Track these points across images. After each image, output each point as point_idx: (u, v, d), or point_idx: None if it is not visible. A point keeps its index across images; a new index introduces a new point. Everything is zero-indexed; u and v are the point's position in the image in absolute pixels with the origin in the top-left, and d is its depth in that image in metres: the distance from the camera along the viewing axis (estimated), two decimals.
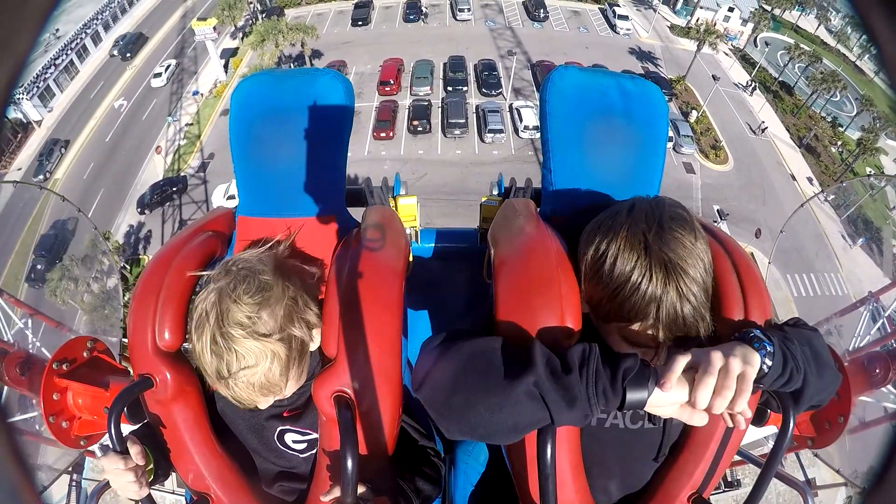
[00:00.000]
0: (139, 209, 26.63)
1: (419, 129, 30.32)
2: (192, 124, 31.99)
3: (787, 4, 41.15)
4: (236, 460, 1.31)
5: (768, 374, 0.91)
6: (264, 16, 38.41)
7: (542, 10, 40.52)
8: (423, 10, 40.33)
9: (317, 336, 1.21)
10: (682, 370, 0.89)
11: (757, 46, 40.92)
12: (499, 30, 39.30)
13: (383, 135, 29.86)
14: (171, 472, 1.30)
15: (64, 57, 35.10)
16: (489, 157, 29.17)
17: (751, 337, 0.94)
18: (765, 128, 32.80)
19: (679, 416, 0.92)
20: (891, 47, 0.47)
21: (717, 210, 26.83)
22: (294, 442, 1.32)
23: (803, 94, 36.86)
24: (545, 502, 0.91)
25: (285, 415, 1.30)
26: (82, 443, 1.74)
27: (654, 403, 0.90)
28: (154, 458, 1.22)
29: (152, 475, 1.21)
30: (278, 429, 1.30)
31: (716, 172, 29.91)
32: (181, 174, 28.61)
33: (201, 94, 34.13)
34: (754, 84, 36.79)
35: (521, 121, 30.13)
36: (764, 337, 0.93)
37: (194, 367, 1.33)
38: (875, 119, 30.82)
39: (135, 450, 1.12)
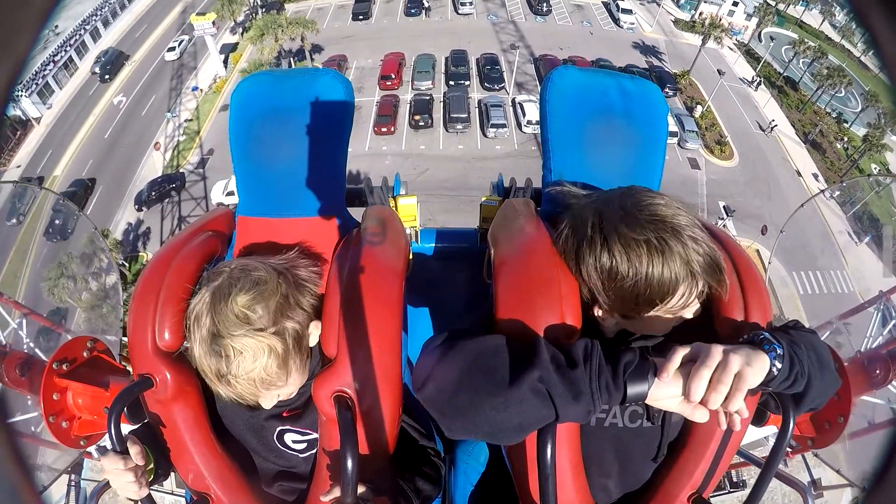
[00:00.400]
0: (137, 206, 26.62)
1: (421, 123, 30.22)
2: (191, 120, 31.98)
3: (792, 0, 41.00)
4: (236, 460, 1.32)
5: (777, 376, 0.91)
6: (264, 11, 38.33)
7: (544, 4, 40.41)
8: (424, 4, 40.22)
9: (315, 330, 1.22)
10: (683, 363, 0.90)
11: (761, 41, 40.70)
12: (501, 24, 39.19)
13: (384, 130, 29.77)
14: (171, 471, 1.31)
15: (63, 53, 35.05)
16: (492, 152, 29.00)
17: (761, 339, 0.94)
18: (774, 125, 32.61)
19: (681, 411, 0.93)
20: (891, 47, 0.47)
21: (723, 206, 26.67)
22: (294, 442, 1.32)
23: (808, 89, 36.68)
24: (545, 502, 0.92)
25: (285, 415, 1.31)
26: (82, 443, 1.75)
27: (654, 397, 0.91)
28: (154, 458, 1.23)
29: (152, 475, 1.22)
30: (278, 429, 1.31)
31: (721, 168, 29.77)
32: (180, 171, 28.59)
33: (200, 90, 34.11)
34: (759, 79, 36.62)
35: (524, 115, 29.95)
36: (773, 339, 0.94)
37: (194, 367, 1.35)
38: (881, 115, 30.67)
39: (134, 450, 1.13)
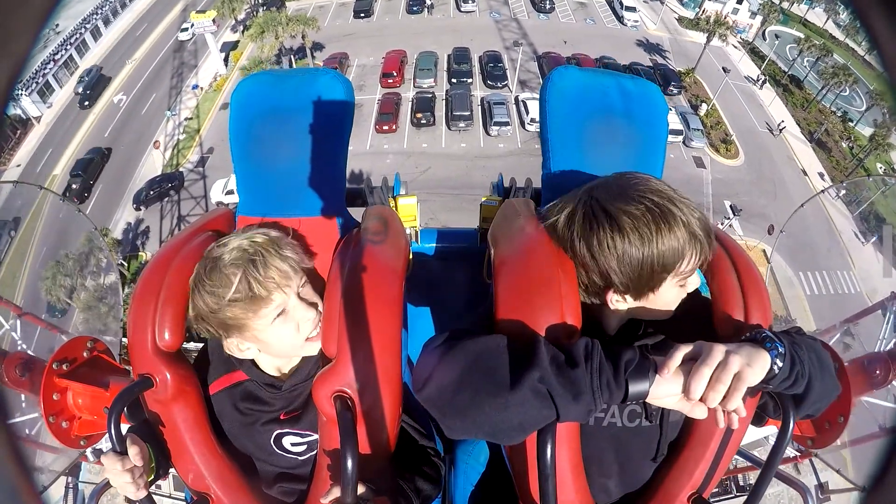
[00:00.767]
0: (135, 205, 26.64)
1: (423, 121, 30.13)
2: (191, 118, 32.02)
3: None
4: (236, 460, 1.33)
5: (777, 375, 0.92)
6: (265, 8, 38.37)
7: (547, 1, 40.32)
8: (426, 2, 40.18)
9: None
10: (684, 361, 0.92)
11: (766, 40, 40.57)
12: (504, 21, 39.13)
13: (386, 128, 29.70)
14: (170, 469, 1.32)
15: (63, 52, 35.10)
16: (495, 150, 28.91)
17: (763, 337, 0.96)
18: (783, 127, 32.41)
19: (681, 408, 0.95)
20: (891, 47, 0.48)
21: (729, 206, 26.53)
22: (293, 445, 1.33)
23: (813, 88, 36.54)
24: (545, 502, 0.93)
25: (282, 417, 1.31)
26: (82, 443, 1.77)
27: (655, 395, 0.93)
28: (154, 458, 1.24)
29: (153, 474, 1.23)
30: (275, 433, 1.32)
31: (726, 167, 29.65)
32: (179, 169, 28.61)
33: (201, 88, 34.16)
34: (764, 78, 36.50)
35: (527, 113, 29.84)
36: (775, 338, 0.95)
37: (194, 367, 1.36)
38: (886, 114, 30.55)
39: (133, 450, 1.13)
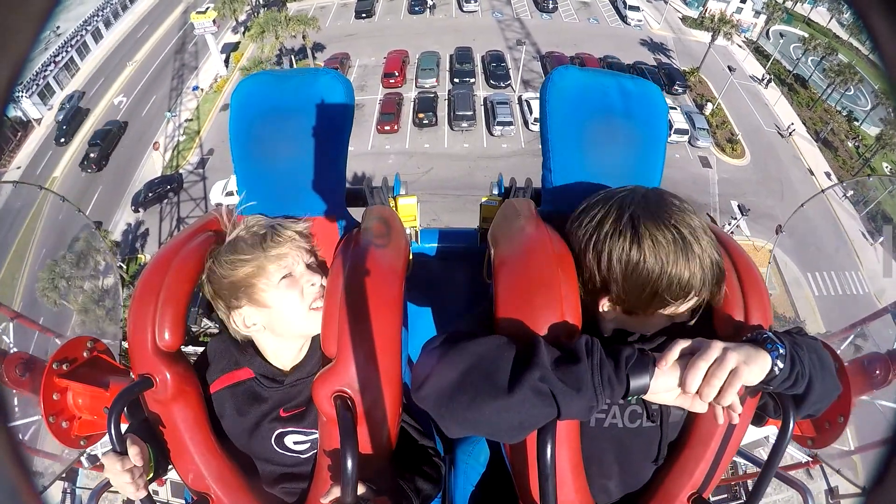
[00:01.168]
0: (134, 207, 26.66)
1: (425, 121, 30.08)
2: (191, 120, 32.09)
3: None
4: (236, 460, 1.33)
5: (778, 375, 0.93)
6: (265, 9, 38.48)
7: (550, 1, 40.34)
8: (428, 2, 40.22)
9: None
10: (683, 355, 0.94)
11: (770, 39, 40.51)
12: (506, 21, 39.16)
13: (387, 128, 29.67)
14: (169, 469, 1.33)
15: (64, 54, 35.27)
16: (498, 150, 28.86)
17: (763, 338, 0.97)
18: (792, 130, 32.21)
19: (681, 403, 0.96)
20: (891, 47, 0.48)
21: (737, 206, 26.38)
22: (295, 443, 1.33)
23: (818, 87, 36.44)
24: (545, 502, 0.94)
25: (283, 414, 1.32)
26: (82, 443, 1.79)
27: (654, 389, 0.94)
28: (154, 458, 1.25)
29: (152, 473, 1.24)
30: (277, 431, 1.33)
31: (732, 167, 29.56)
32: (179, 171, 28.64)
33: (201, 90, 34.27)
34: (769, 77, 36.41)
35: (530, 113, 29.79)
36: (776, 339, 0.96)
37: (194, 367, 1.37)
38: (893, 113, 30.41)
39: (133, 450, 1.14)
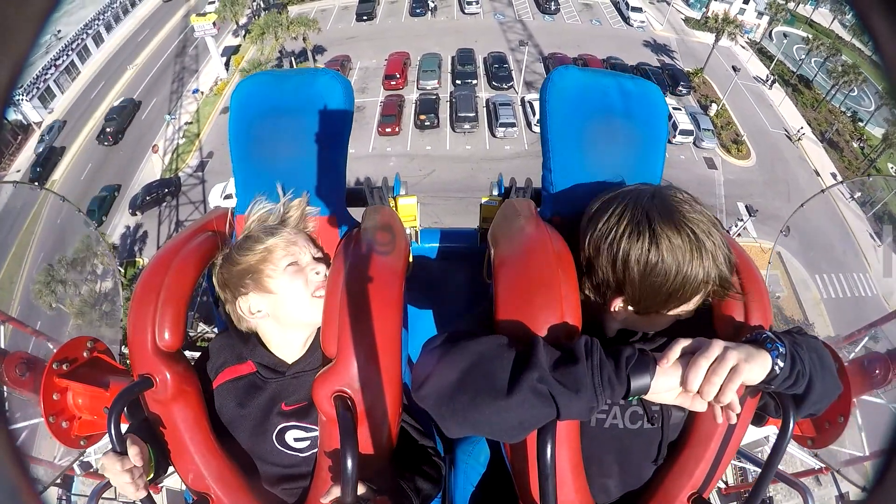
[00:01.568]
0: (131, 210, 26.65)
1: (426, 123, 29.92)
2: (191, 123, 32.15)
3: None
4: (236, 460, 1.34)
5: (779, 375, 0.94)
6: (265, 11, 38.60)
7: (552, 3, 40.38)
8: (430, 4, 40.30)
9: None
10: (683, 354, 0.95)
11: (773, 40, 40.51)
12: (508, 23, 39.19)
13: (388, 130, 29.51)
14: (169, 469, 1.35)
15: (65, 58, 35.42)
16: (501, 152, 28.72)
17: (763, 338, 0.98)
18: (802, 134, 31.93)
19: (682, 402, 0.98)
20: (891, 47, 0.48)
21: (745, 206, 26.19)
22: (296, 440, 1.35)
23: (822, 88, 36.38)
24: (545, 502, 0.94)
25: (285, 408, 1.34)
26: (82, 443, 1.80)
27: (656, 389, 0.95)
28: (154, 458, 1.26)
29: (152, 473, 1.25)
30: (279, 427, 1.34)
31: (738, 168, 29.42)
32: (178, 174, 28.63)
33: (201, 93, 34.35)
34: (773, 77, 36.36)
35: (533, 115, 29.57)
36: (776, 338, 0.97)
37: (196, 365, 1.39)
38: (895, 113, 30.33)
39: (133, 450, 1.15)
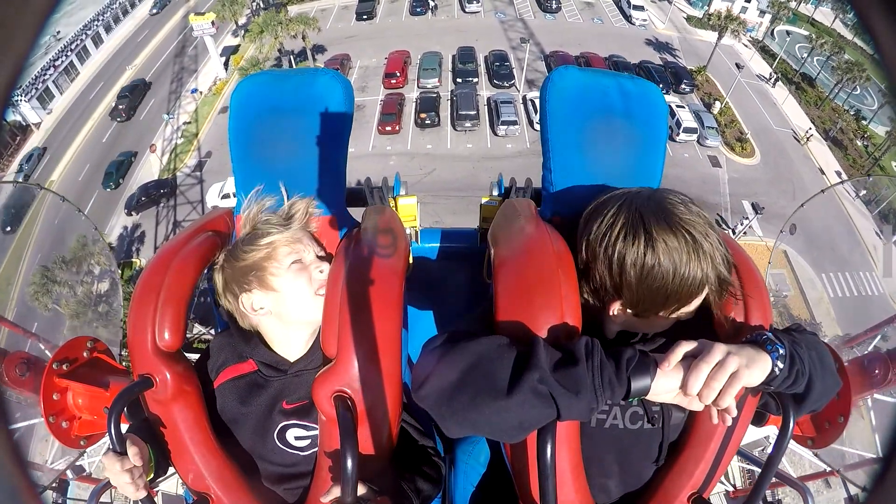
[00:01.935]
0: (127, 210, 26.68)
1: (427, 122, 29.82)
2: (189, 122, 32.17)
3: None
4: (236, 460, 1.35)
5: (778, 376, 0.96)
6: (264, 9, 38.55)
7: (553, 1, 40.39)
8: (430, 3, 40.29)
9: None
10: (685, 357, 0.96)
11: (775, 39, 40.53)
12: (509, 21, 39.20)
13: (389, 129, 29.42)
14: (169, 468, 1.36)
15: (63, 58, 35.51)
16: (502, 150, 28.63)
17: (763, 339, 0.99)
18: (811, 136, 31.73)
19: (679, 401, 0.99)
20: (891, 47, 0.48)
21: (751, 204, 26.15)
22: (297, 439, 1.36)
23: (825, 86, 36.35)
24: (545, 502, 0.95)
25: (285, 406, 1.35)
26: (82, 443, 1.81)
27: (656, 391, 0.96)
28: (154, 458, 1.27)
29: (152, 473, 1.26)
30: (280, 425, 1.35)
31: (742, 166, 29.33)
32: (176, 173, 28.62)
33: (200, 92, 34.37)
34: (776, 76, 36.32)
35: (535, 112, 29.29)
36: (776, 339, 0.98)
37: (196, 365, 1.40)
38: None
39: (133, 450, 1.16)
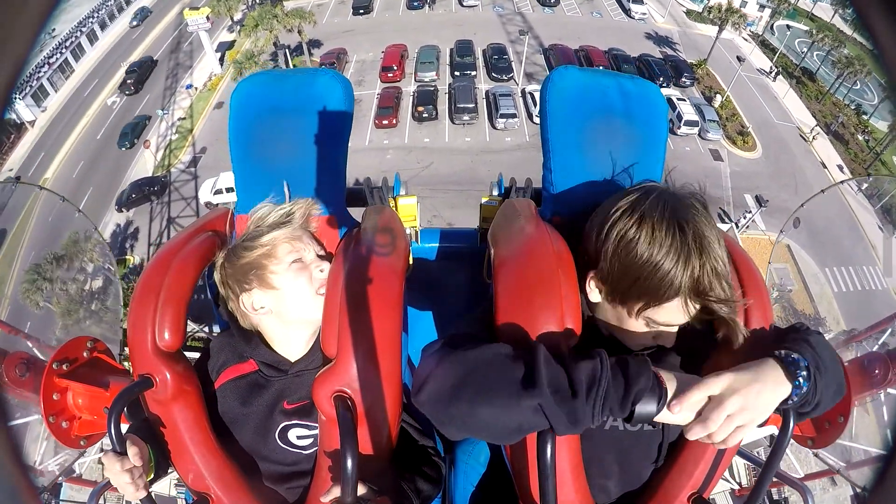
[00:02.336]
0: (118, 207, 26.61)
1: (424, 115, 29.54)
2: (184, 118, 32.02)
3: None
4: (236, 460, 1.37)
5: (790, 405, 0.95)
6: (259, 3, 38.35)
7: None
8: None
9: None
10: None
11: (775, 34, 40.55)
12: (508, 15, 39.06)
13: (385, 122, 29.08)
14: (169, 468, 1.37)
15: (58, 56, 35.32)
16: (501, 144, 28.43)
17: (791, 360, 0.96)
18: (817, 134, 31.47)
19: (676, 422, 0.99)
20: (891, 47, 0.49)
21: (755, 197, 26.00)
22: (299, 438, 1.37)
23: (825, 81, 36.34)
24: (545, 502, 0.96)
25: (286, 406, 1.36)
26: (82, 443, 1.82)
27: (658, 420, 0.96)
28: (154, 458, 1.28)
29: (153, 473, 1.27)
30: (281, 425, 1.36)
31: (744, 160, 29.26)
32: (167, 172, 28.43)
33: (195, 88, 34.24)
34: (777, 69, 36.30)
35: (535, 106, 29.23)
36: (803, 367, 0.95)
37: (196, 365, 1.41)
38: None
39: (133, 451, 1.17)
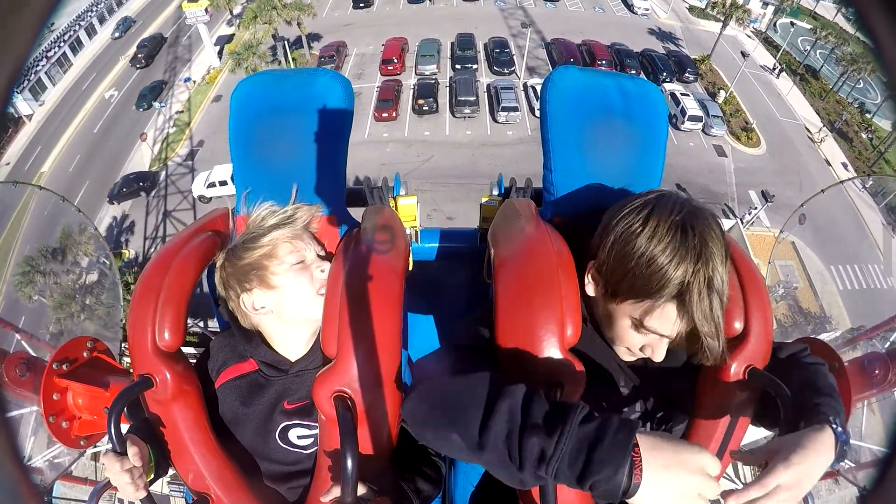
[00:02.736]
0: (109, 199, 26.66)
1: (425, 108, 29.34)
2: (182, 112, 32.00)
3: None
4: (236, 460, 1.38)
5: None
6: None
7: None
8: None
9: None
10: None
11: (778, 31, 40.53)
12: (509, 9, 38.92)
13: (385, 115, 28.85)
14: (169, 468, 1.38)
15: (56, 49, 35.29)
16: (503, 137, 28.27)
17: (844, 439, 0.95)
18: (826, 136, 31.29)
19: None
20: (891, 47, 0.50)
21: (761, 192, 25.99)
22: (300, 437, 1.38)
23: (829, 78, 36.29)
24: (545, 502, 0.97)
25: (287, 406, 1.37)
26: (82, 443, 1.84)
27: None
28: (154, 458, 1.29)
29: (153, 473, 1.28)
30: (281, 425, 1.38)
31: (748, 156, 29.14)
32: (158, 167, 28.47)
33: (193, 81, 34.17)
34: (781, 66, 36.23)
35: (536, 99, 28.92)
36: (848, 437, 0.95)
37: (197, 365, 1.43)
38: None
39: (133, 451, 1.18)
